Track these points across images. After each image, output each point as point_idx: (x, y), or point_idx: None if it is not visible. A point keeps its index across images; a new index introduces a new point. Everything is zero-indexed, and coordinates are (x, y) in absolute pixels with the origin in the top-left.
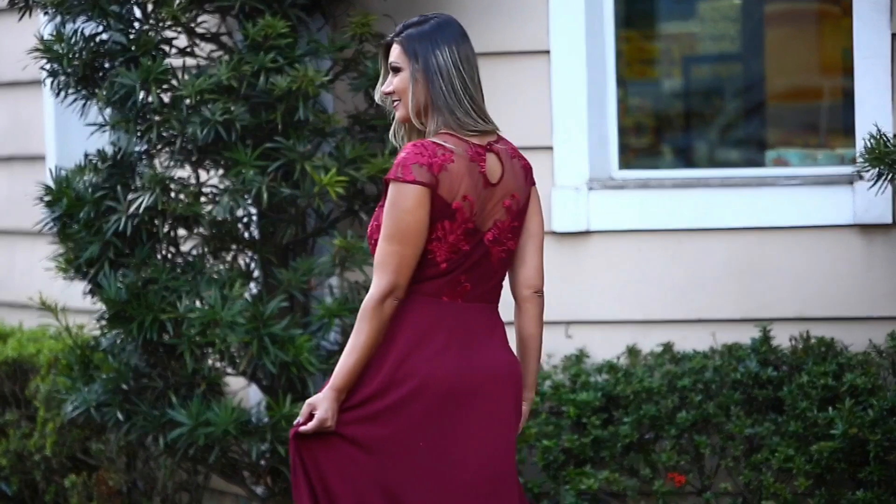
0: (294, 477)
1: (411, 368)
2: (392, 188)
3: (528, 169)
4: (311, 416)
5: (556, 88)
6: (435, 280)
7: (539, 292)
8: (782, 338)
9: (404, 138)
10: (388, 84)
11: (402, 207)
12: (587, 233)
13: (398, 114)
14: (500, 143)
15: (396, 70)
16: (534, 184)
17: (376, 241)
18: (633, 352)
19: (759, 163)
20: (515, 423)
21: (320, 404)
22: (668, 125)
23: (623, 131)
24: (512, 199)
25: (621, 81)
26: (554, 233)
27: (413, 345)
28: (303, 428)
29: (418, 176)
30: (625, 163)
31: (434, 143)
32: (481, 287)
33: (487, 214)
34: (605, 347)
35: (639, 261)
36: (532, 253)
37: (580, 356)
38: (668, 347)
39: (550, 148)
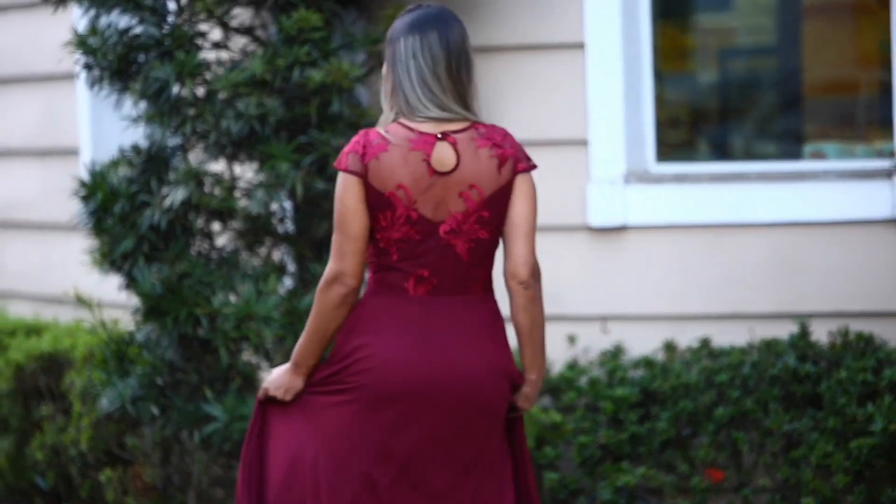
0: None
1: (359, 358)
2: (338, 176)
3: (504, 158)
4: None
5: (592, 82)
6: (392, 271)
7: (524, 283)
8: (820, 333)
9: None
10: None
11: (338, 195)
12: (624, 228)
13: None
14: (471, 131)
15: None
16: (521, 172)
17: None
18: (670, 347)
19: (797, 156)
20: (485, 426)
21: (274, 372)
22: (704, 118)
23: (659, 125)
24: (471, 190)
25: (657, 74)
26: (590, 228)
27: (366, 333)
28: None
29: (350, 165)
30: (661, 156)
31: (377, 131)
32: (450, 280)
33: (438, 205)
34: (642, 342)
35: (676, 255)
36: (514, 243)
37: (617, 351)
38: (705, 342)
39: (586, 142)
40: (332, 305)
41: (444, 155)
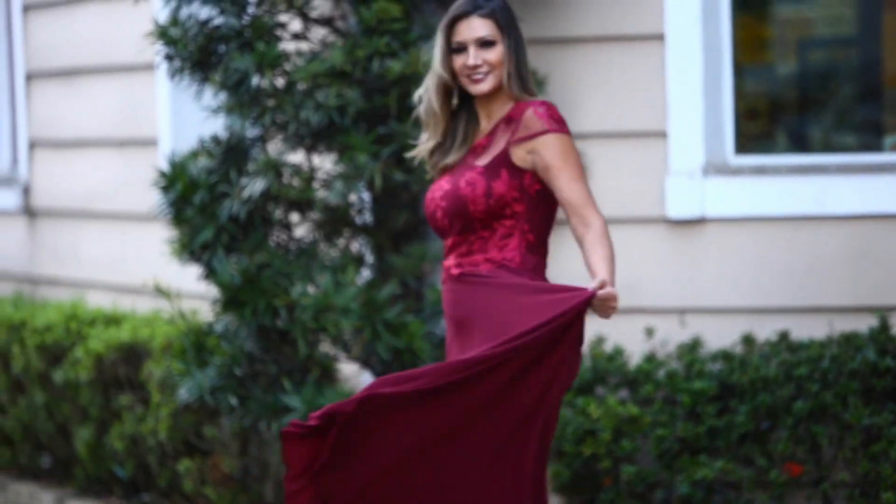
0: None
1: None
2: (564, 139)
3: None
4: None
5: (671, 74)
6: None
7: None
8: None
9: (444, 110)
10: (475, 58)
11: (577, 152)
12: (702, 220)
13: (485, 86)
14: None
15: (489, 44)
16: None
17: (487, 203)
18: (748, 340)
19: (876, 148)
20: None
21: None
22: (783, 110)
23: (738, 116)
24: None
25: (736, 66)
26: (668, 220)
27: None
28: None
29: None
30: (740, 148)
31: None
32: None
33: None
34: (720, 335)
35: (754, 248)
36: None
37: (695, 344)
38: (784, 336)
39: (665, 134)
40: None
41: None
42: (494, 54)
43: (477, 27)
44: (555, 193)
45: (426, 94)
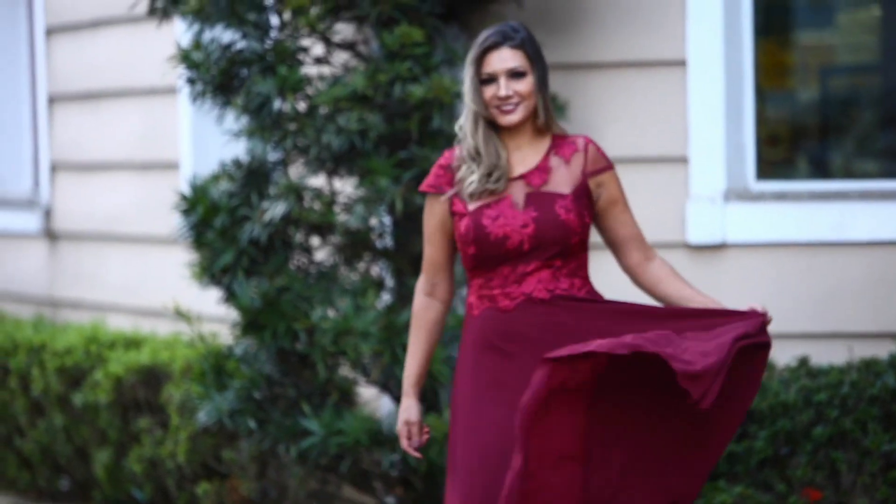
0: None
1: None
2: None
3: None
4: None
5: (693, 99)
6: None
7: None
8: None
9: (489, 138)
10: (506, 89)
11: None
12: (723, 245)
13: (515, 117)
14: None
15: (519, 75)
16: None
17: (583, 232)
18: (768, 365)
19: None
20: None
21: None
22: (804, 136)
23: (759, 142)
24: None
25: (758, 91)
26: (689, 245)
27: None
28: None
29: None
30: (761, 174)
31: None
32: None
33: None
34: None
35: (775, 274)
36: None
37: None
38: (804, 361)
39: (686, 159)
40: None
41: None
42: (525, 85)
43: (507, 58)
44: (614, 227)
45: (467, 133)
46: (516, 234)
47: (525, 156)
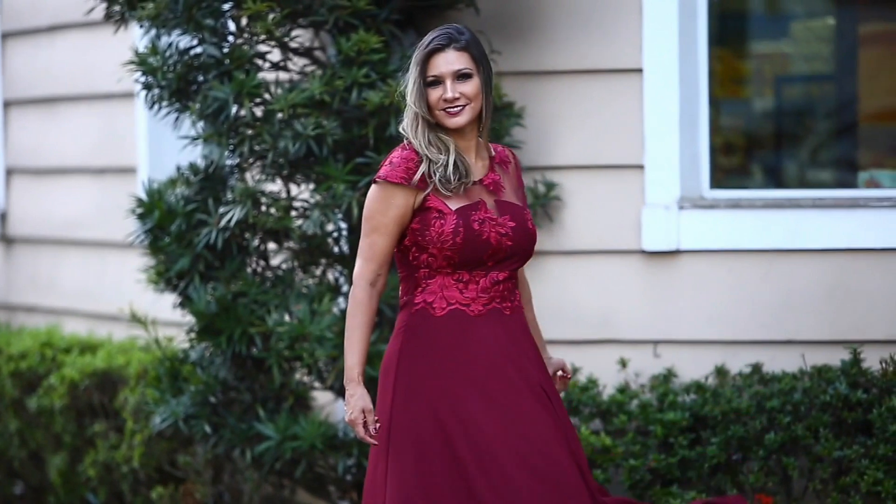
0: None
1: None
2: None
3: None
4: None
5: (648, 107)
6: None
7: None
8: (873, 360)
9: (435, 140)
10: (452, 91)
11: None
12: (677, 252)
13: (461, 119)
14: None
15: (465, 76)
16: None
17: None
18: (721, 372)
19: (851, 184)
20: None
21: None
22: (759, 145)
23: (714, 151)
24: None
25: (713, 100)
26: (644, 252)
27: None
28: None
29: None
30: (715, 182)
31: None
32: None
33: None
34: (694, 367)
35: (729, 281)
36: None
37: (668, 375)
38: (756, 368)
39: (641, 167)
40: None
41: None
42: (471, 87)
43: (453, 60)
44: None
45: (409, 135)
46: (500, 241)
47: (476, 160)
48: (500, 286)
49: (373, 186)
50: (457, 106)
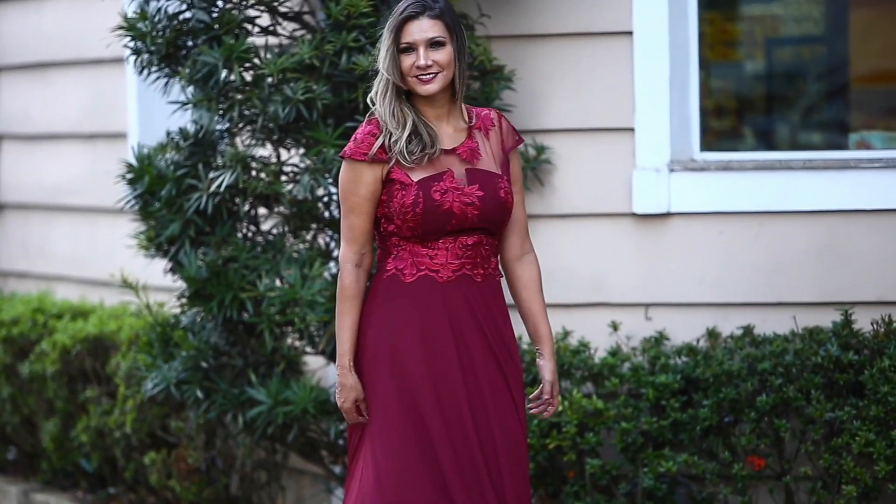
0: None
1: None
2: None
3: None
4: None
5: (639, 70)
6: None
7: None
8: (864, 321)
9: (398, 112)
10: (425, 58)
11: None
12: (668, 215)
13: (433, 87)
14: None
15: (438, 44)
16: None
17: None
18: (713, 334)
19: (842, 146)
20: None
21: None
22: (750, 107)
23: (705, 113)
24: None
25: (703, 63)
26: (634, 214)
27: None
28: None
29: None
30: (706, 145)
31: None
32: None
33: None
34: (685, 330)
35: (720, 243)
36: None
37: (659, 338)
38: (748, 330)
39: (632, 129)
40: None
41: None
42: (444, 55)
43: (427, 28)
44: None
45: (377, 101)
46: (464, 210)
47: (449, 128)
48: (470, 251)
49: (343, 164)
50: (429, 73)
